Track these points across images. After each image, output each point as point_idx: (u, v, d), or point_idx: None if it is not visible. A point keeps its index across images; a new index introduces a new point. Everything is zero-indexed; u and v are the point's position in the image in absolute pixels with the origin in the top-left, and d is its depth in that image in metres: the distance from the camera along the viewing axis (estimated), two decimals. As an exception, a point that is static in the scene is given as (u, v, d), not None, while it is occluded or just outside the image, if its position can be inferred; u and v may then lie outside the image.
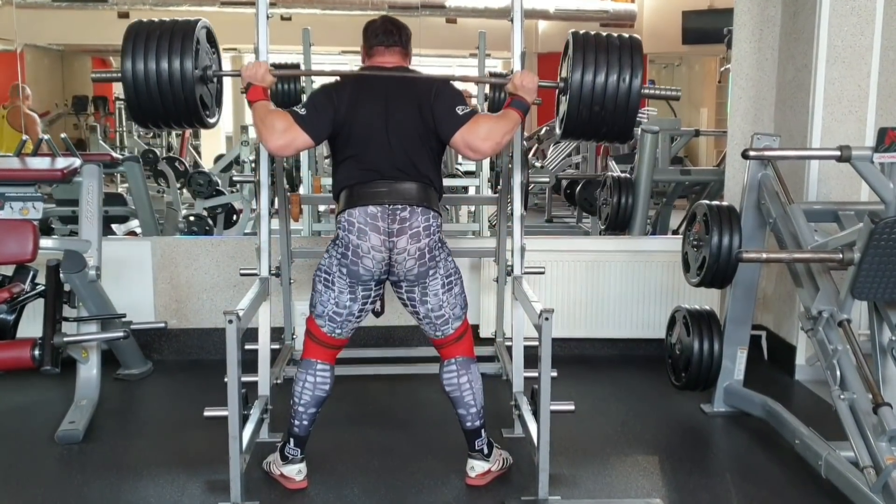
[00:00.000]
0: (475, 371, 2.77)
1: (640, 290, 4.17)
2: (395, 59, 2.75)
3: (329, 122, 2.61)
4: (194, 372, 4.01)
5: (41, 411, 3.45)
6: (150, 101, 2.72)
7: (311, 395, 2.71)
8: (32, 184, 3.26)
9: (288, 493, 2.72)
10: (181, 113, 2.79)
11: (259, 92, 2.68)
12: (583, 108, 2.65)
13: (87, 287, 3.32)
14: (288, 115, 2.58)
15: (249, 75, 2.70)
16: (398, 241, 2.58)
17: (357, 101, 2.63)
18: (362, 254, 2.59)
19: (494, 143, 2.61)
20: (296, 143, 2.61)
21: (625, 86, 2.61)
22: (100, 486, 2.81)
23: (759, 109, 4.16)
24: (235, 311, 2.56)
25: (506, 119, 2.62)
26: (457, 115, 2.60)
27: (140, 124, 2.84)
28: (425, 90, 2.66)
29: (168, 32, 2.71)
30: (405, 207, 2.58)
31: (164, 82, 2.68)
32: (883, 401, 2.47)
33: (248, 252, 3.91)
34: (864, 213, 2.80)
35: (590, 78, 2.62)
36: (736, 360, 3.42)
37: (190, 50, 2.70)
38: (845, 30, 3.69)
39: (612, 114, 2.65)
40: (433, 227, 2.63)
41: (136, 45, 2.69)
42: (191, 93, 2.72)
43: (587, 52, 2.65)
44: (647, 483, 2.87)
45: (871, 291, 2.65)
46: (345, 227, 2.61)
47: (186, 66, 2.69)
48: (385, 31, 2.75)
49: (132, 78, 2.69)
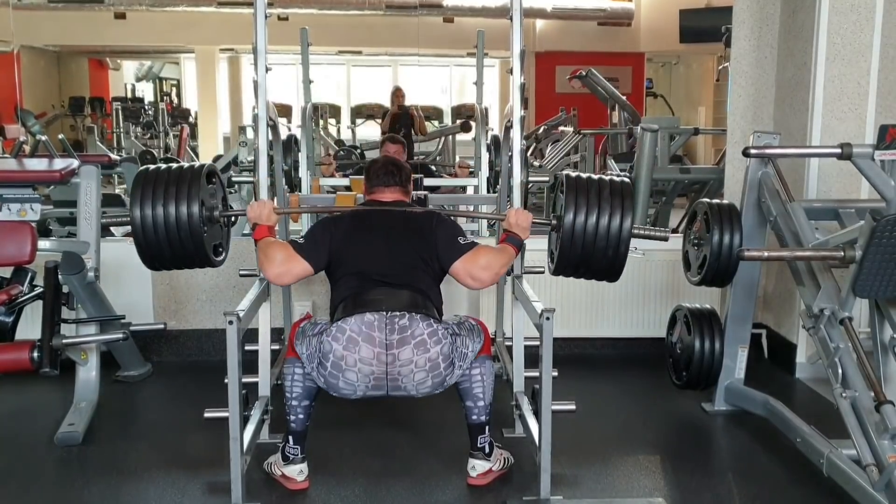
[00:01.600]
0: (489, 367, 2.78)
1: (641, 289, 4.17)
2: (394, 195, 2.88)
3: (326, 248, 2.72)
4: (194, 373, 4.00)
5: (40, 414, 3.43)
6: (158, 248, 2.75)
7: (302, 386, 2.71)
8: (30, 185, 3.25)
9: (289, 494, 2.71)
10: (190, 257, 2.81)
11: (264, 231, 2.78)
12: (574, 248, 2.71)
13: (85, 288, 3.30)
14: (288, 246, 2.72)
15: (255, 216, 2.80)
16: (401, 353, 2.55)
17: (356, 227, 2.77)
18: (346, 367, 2.56)
19: (493, 274, 2.72)
20: (294, 271, 2.70)
21: (615, 228, 2.67)
22: (100, 488, 2.80)
23: (759, 107, 4.16)
24: (236, 312, 2.55)
25: (503, 253, 2.73)
26: (458, 245, 2.72)
27: (150, 267, 2.86)
28: (426, 220, 2.79)
29: (175, 179, 2.73)
30: (404, 314, 2.57)
31: (171, 229, 2.71)
32: (885, 398, 2.46)
33: (248, 253, 3.90)
34: (864, 211, 2.80)
35: (581, 219, 2.68)
36: (737, 358, 3.42)
37: (196, 196, 2.72)
38: (845, 27, 3.69)
39: (602, 253, 2.71)
40: (441, 332, 2.61)
41: (145, 193, 2.72)
42: (199, 237, 2.75)
43: (579, 194, 2.71)
44: (649, 482, 2.86)
45: (872, 289, 2.64)
46: (332, 335, 2.58)
47: (193, 211, 2.71)
48: (386, 172, 2.89)
49: (141, 226, 2.72)
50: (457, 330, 2.69)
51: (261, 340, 3.03)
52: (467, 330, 2.72)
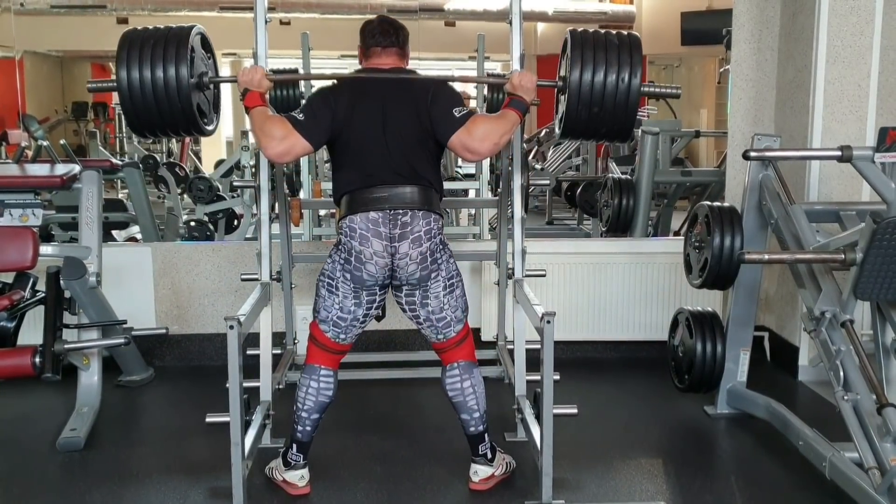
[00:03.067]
0: (477, 375, 2.77)
1: (642, 292, 4.17)
2: (391, 60, 2.73)
3: (327, 127, 2.60)
4: (196, 378, 4.00)
5: (42, 419, 3.44)
6: (146, 110, 2.71)
7: (315, 400, 2.70)
8: (32, 190, 3.26)
9: (291, 499, 2.71)
10: (178, 121, 2.77)
11: (256, 98, 2.67)
12: (582, 107, 2.64)
13: (87, 293, 3.31)
14: (286, 121, 2.57)
15: (246, 81, 2.69)
16: (400, 246, 2.58)
17: (354, 104, 2.62)
18: (365, 259, 2.58)
19: (492, 144, 2.59)
20: (295, 150, 2.60)
21: (624, 84, 2.59)
22: (101, 493, 2.80)
23: (759, 110, 4.16)
24: (237, 317, 2.55)
25: (504, 119, 2.62)
26: (454, 117, 2.59)
27: (137, 133, 2.82)
28: (422, 92, 2.65)
29: (162, 40, 2.69)
30: (406, 212, 2.58)
31: (159, 90, 2.66)
32: (887, 401, 2.46)
33: (249, 257, 3.91)
34: (865, 213, 2.79)
35: (588, 76, 2.60)
36: (739, 361, 3.41)
37: (185, 57, 2.68)
38: (845, 29, 3.68)
39: (611, 113, 2.64)
40: (434, 230, 2.63)
41: (130, 54, 2.68)
42: (187, 100, 2.71)
43: (585, 50, 2.64)
44: (651, 486, 2.86)
45: (873, 291, 2.64)
46: (346, 234, 2.60)
47: (182, 73, 2.67)
48: (382, 32, 2.73)
49: (127, 87, 2.67)
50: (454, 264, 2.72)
51: (262, 345, 3.03)
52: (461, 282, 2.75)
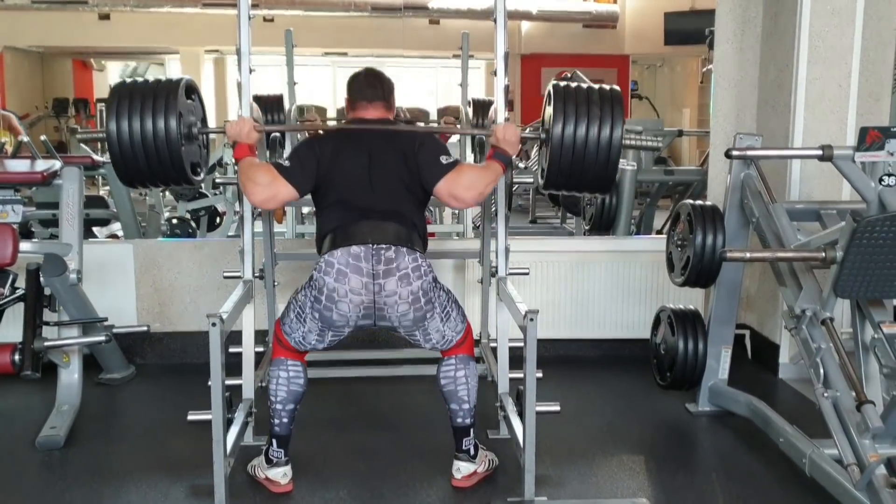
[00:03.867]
0: (473, 368, 2.78)
1: (625, 290, 4.18)
2: (378, 112, 2.78)
3: (312, 173, 2.64)
4: (178, 376, 3.98)
5: (21, 417, 3.41)
6: (135, 162, 2.71)
7: (287, 389, 2.70)
8: (12, 187, 3.23)
9: (273, 497, 2.70)
10: (167, 173, 2.77)
11: (245, 149, 2.71)
12: (564, 160, 2.68)
13: (67, 291, 3.28)
14: (272, 168, 2.62)
15: (234, 133, 2.73)
16: (386, 284, 2.55)
17: (340, 151, 2.67)
18: (338, 298, 2.56)
19: (477, 193, 2.65)
20: (279, 196, 2.64)
21: (605, 138, 2.63)
22: (81, 492, 2.78)
23: (742, 109, 4.18)
24: (219, 314, 2.53)
25: (489, 170, 2.67)
26: (441, 164, 2.64)
27: (126, 184, 2.82)
28: (409, 141, 2.70)
29: (151, 93, 2.69)
30: (390, 247, 2.57)
31: (148, 142, 2.67)
32: (866, 398, 2.48)
33: (232, 254, 3.88)
34: (846, 212, 2.82)
35: (571, 130, 2.64)
36: (720, 359, 3.43)
37: (174, 109, 2.68)
38: (826, 30, 3.71)
39: (593, 165, 2.68)
40: (423, 267, 2.61)
41: (120, 107, 2.68)
42: (176, 152, 2.71)
43: (568, 104, 2.68)
44: (633, 483, 2.87)
45: (853, 289, 2.66)
46: (321, 269, 2.58)
47: (171, 125, 2.67)
48: (368, 85, 2.79)
49: (117, 139, 2.68)
50: (447, 291, 2.71)
51: (245, 342, 3.02)
52: (456, 304, 2.74)
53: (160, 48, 12.39)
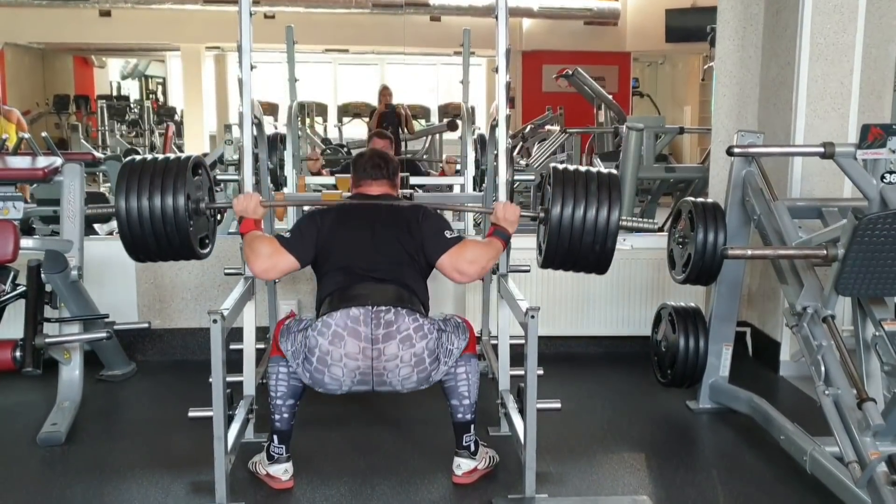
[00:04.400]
0: (475, 365, 2.78)
1: (626, 287, 4.18)
2: (382, 188, 2.87)
3: (313, 243, 2.71)
4: (178, 372, 3.98)
5: (22, 413, 3.41)
6: (143, 240, 2.72)
7: (287, 385, 2.70)
8: (13, 183, 3.23)
9: (274, 493, 2.70)
10: (175, 248, 2.78)
11: (251, 224, 2.76)
12: (562, 241, 2.72)
13: (68, 287, 3.28)
14: (274, 240, 2.70)
15: (241, 209, 2.77)
16: (386, 348, 2.55)
17: (343, 221, 2.74)
18: (331, 362, 2.55)
19: (480, 268, 2.71)
20: (280, 266, 2.69)
21: (603, 220, 2.68)
22: (82, 488, 2.78)
23: (743, 107, 4.18)
24: (220, 311, 2.54)
25: (490, 247, 2.73)
26: (445, 238, 2.71)
27: (134, 259, 2.83)
28: (413, 213, 2.77)
29: (161, 171, 2.70)
30: (389, 309, 2.57)
31: (157, 221, 2.68)
32: (867, 396, 2.48)
33: (233, 251, 3.88)
34: (847, 210, 2.82)
35: (569, 212, 2.68)
36: (721, 356, 3.43)
37: (182, 187, 2.69)
38: (828, 27, 3.71)
39: (590, 246, 2.71)
40: (426, 327, 2.60)
41: (129, 184, 2.69)
42: (184, 229, 2.72)
43: (567, 187, 2.71)
44: (634, 480, 2.87)
45: (855, 287, 2.66)
46: (317, 329, 2.57)
47: (179, 203, 2.68)
48: (373, 166, 2.87)
49: (126, 217, 2.69)
50: (442, 326, 2.69)
51: (245, 339, 3.02)
52: (453, 327, 2.72)
53: (161, 45, 12.38)
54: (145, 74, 14.17)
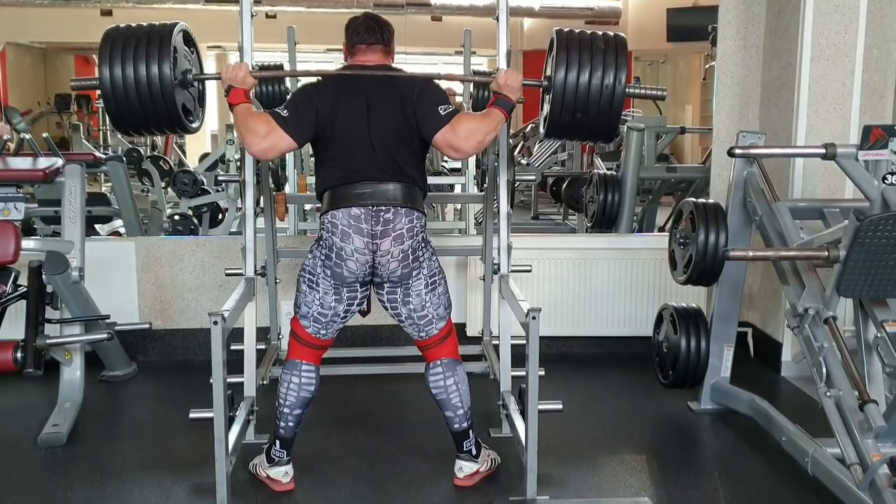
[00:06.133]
0: (461, 372, 2.76)
1: (627, 287, 4.18)
2: (377, 57, 2.72)
3: (311, 123, 2.59)
4: (179, 373, 3.98)
5: (24, 414, 3.41)
6: (129, 109, 2.68)
7: (297, 395, 2.69)
8: (14, 184, 3.23)
9: (274, 496, 2.70)
10: (162, 119, 2.74)
11: (240, 95, 2.65)
12: (566, 108, 2.64)
13: (70, 288, 3.28)
14: (270, 118, 2.56)
15: (230, 78, 2.67)
16: (381, 244, 2.57)
17: (339, 101, 2.61)
18: (346, 256, 2.58)
19: (476, 143, 2.59)
20: (279, 146, 2.58)
21: (609, 85, 2.60)
22: (84, 490, 2.78)
23: (745, 107, 4.17)
24: (220, 312, 2.53)
25: (489, 118, 2.60)
26: (439, 115, 2.58)
27: (121, 131, 2.79)
28: (408, 89, 2.63)
29: (145, 37, 2.66)
30: (389, 209, 2.57)
31: (142, 88, 2.64)
32: (869, 398, 2.48)
33: (234, 252, 3.88)
34: (849, 211, 2.81)
35: (574, 77, 2.60)
36: (723, 357, 3.43)
37: (168, 55, 2.66)
38: (829, 27, 3.70)
39: (596, 113, 2.64)
40: (416, 227, 2.62)
41: (113, 52, 2.65)
42: (170, 98, 2.68)
43: (571, 50, 2.64)
44: (636, 481, 2.87)
45: (856, 288, 2.66)
46: (328, 229, 2.60)
47: (165, 71, 2.64)
48: (367, 29, 2.71)
49: (110, 85, 2.64)
50: (437, 262, 2.73)
51: (246, 340, 3.02)
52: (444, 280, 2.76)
53: (162, 44, 12.35)
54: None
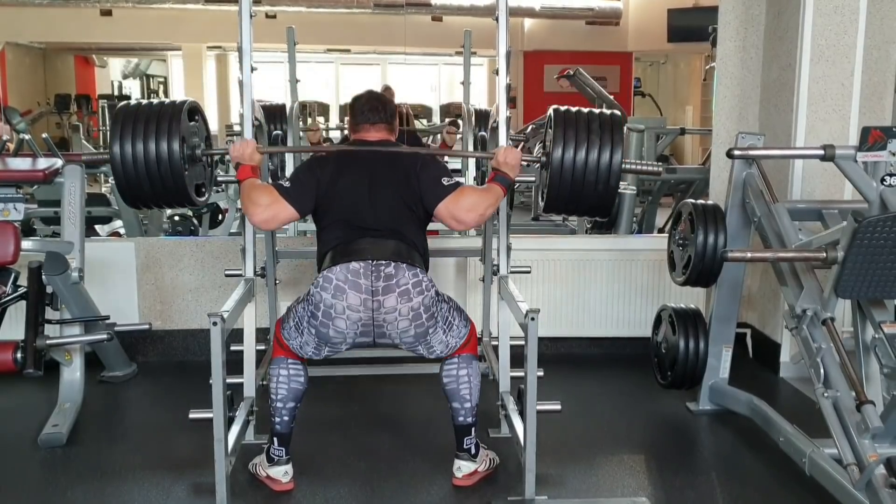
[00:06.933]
0: (475, 367, 2.78)
1: (626, 288, 4.18)
2: (380, 134, 2.81)
3: (313, 193, 2.67)
4: (179, 374, 3.99)
5: (24, 415, 3.41)
6: (138, 184, 2.72)
7: (287, 387, 2.71)
8: (14, 185, 3.23)
9: (274, 495, 2.71)
10: (171, 194, 2.78)
11: (247, 171, 2.74)
12: (563, 184, 2.70)
13: (69, 289, 3.28)
14: (273, 190, 2.65)
15: (237, 155, 2.75)
16: (385, 300, 2.55)
17: (342, 171, 2.69)
18: (335, 315, 2.56)
19: (478, 215, 2.68)
20: (280, 217, 2.67)
21: (605, 162, 2.65)
22: (83, 490, 2.79)
23: (744, 108, 4.18)
24: (220, 313, 2.54)
25: (490, 193, 2.69)
26: (442, 186, 2.67)
27: (130, 205, 2.83)
28: (411, 162, 2.73)
29: (155, 115, 2.70)
30: (389, 263, 2.57)
31: (152, 166, 2.67)
32: (866, 398, 2.48)
33: (233, 252, 3.89)
34: (847, 212, 2.81)
35: (571, 154, 2.66)
36: (721, 358, 3.43)
37: (177, 132, 2.69)
38: (829, 28, 3.71)
39: (592, 189, 2.69)
40: (424, 283, 2.61)
41: (124, 129, 2.68)
42: (179, 174, 2.71)
43: (568, 128, 2.69)
44: (634, 482, 2.87)
45: (854, 290, 2.66)
46: (319, 285, 2.58)
47: (174, 148, 2.68)
48: (371, 109, 2.82)
49: (121, 161, 2.68)
50: (447, 298, 2.72)
51: (246, 341, 3.03)
52: (457, 308, 2.75)
53: (162, 44, 12.37)
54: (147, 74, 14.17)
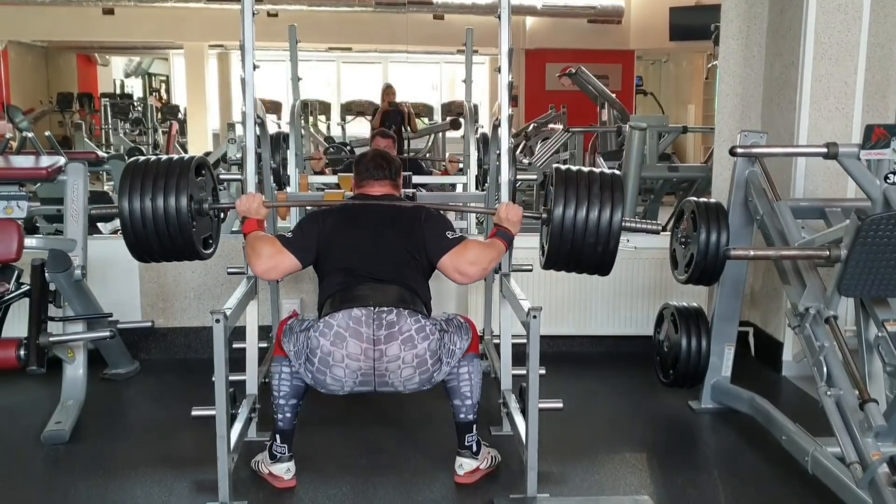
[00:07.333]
0: (477, 365, 2.78)
1: (628, 287, 4.18)
2: (384, 189, 2.88)
3: (314, 242, 2.72)
4: (182, 371, 3.99)
5: (27, 412, 3.42)
6: (146, 241, 2.73)
7: (289, 384, 2.70)
8: (17, 182, 3.23)
9: (276, 493, 2.71)
10: (178, 248, 2.79)
11: (253, 224, 2.78)
12: (564, 242, 2.72)
13: (72, 286, 3.29)
14: (276, 241, 2.71)
15: (244, 210, 2.79)
16: (388, 349, 2.55)
17: (345, 221, 2.75)
18: (332, 363, 2.56)
19: (481, 269, 2.72)
20: (281, 267, 2.70)
21: (606, 221, 2.67)
22: (86, 487, 2.79)
23: (747, 106, 4.17)
24: (223, 311, 2.54)
25: (492, 248, 2.73)
26: (447, 239, 2.71)
27: (137, 258, 2.84)
28: (415, 214, 2.78)
29: (164, 172, 2.71)
30: (392, 310, 2.58)
31: (160, 221, 2.69)
32: (869, 397, 2.48)
33: (236, 250, 3.89)
34: (850, 210, 2.81)
35: (571, 213, 2.68)
36: (723, 356, 3.43)
37: (185, 188, 2.70)
38: (832, 26, 3.70)
39: (593, 247, 2.71)
40: (428, 328, 2.60)
41: (133, 185, 2.70)
42: (187, 229, 2.72)
43: (569, 187, 2.71)
44: (636, 480, 2.87)
45: (857, 288, 2.66)
46: (318, 329, 2.58)
47: (182, 203, 2.69)
48: (376, 166, 2.89)
49: (129, 217, 2.70)
50: (445, 326, 2.69)
51: (248, 338, 3.03)
52: (455, 327, 2.72)
53: (164, 43, 12.40)
54: (149, 72, 14.19)
